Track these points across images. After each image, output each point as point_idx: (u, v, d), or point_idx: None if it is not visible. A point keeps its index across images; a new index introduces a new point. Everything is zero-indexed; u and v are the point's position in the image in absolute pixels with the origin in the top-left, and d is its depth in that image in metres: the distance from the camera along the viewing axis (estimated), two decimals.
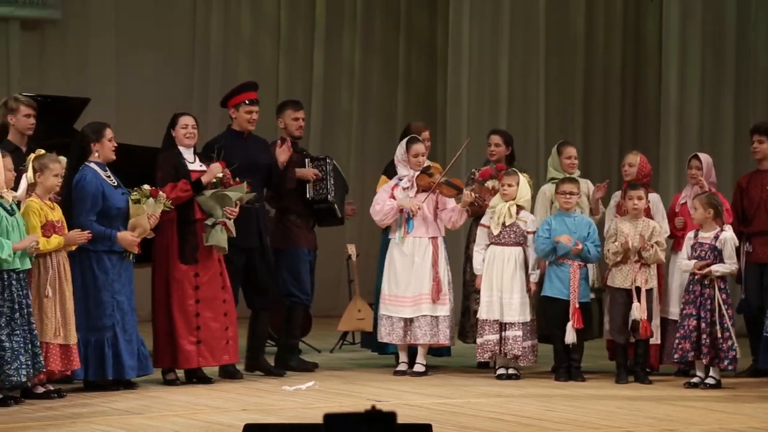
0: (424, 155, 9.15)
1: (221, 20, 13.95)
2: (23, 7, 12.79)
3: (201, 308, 8.54)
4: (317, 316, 11.14)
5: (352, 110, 14.65)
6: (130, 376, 8.19)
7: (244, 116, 9.04)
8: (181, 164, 8.54)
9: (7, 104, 8.36)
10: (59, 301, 7.84)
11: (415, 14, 14.94)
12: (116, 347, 8.14)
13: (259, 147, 9.15)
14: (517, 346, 8.87)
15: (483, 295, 9.00)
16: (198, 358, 8.54)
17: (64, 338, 7.84)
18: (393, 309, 9.06)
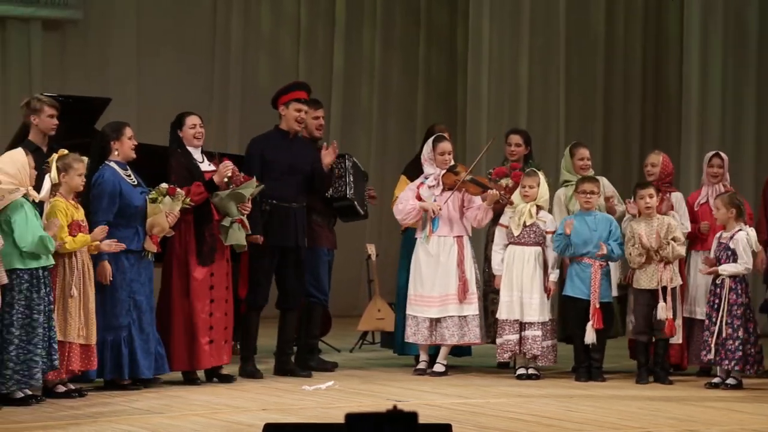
0: (450, 154, 9.14)
1: (241, 19, 13.98)
2: (45, 8, 12.84)
3: (214, 308, 8.57)
4: (337, 316, 11.14)
5: (371, 108, 14.66)
6: (145, 375, 8.20)
7: (293, 114, 8.99)
8: (193, 165, 8.55)
9: (30, 104, 8.38)
10: (83, 301, 7.87)
11: (435, 11, 14.94)
12: (132, 346, 8.16)
13: (304, 148, 9.11)
14: (537, 345, 8.86)
15: (503, 295, 8.98)
16: (210, 359, 8.56)
17: (85, 338, 7.87)
18: (419, 309, 9.05)
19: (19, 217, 7.46)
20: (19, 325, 7.49)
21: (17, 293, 7.47)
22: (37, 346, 7.50)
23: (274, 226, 8.78)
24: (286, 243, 8.89)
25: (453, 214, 9.07)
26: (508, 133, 9.90)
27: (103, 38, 13.16)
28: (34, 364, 7.48)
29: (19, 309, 7.49)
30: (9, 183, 7.52)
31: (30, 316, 7.52)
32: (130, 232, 8.18)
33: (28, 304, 7.51)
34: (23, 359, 7.47)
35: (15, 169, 7.56)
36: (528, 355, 8.91)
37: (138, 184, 8.28)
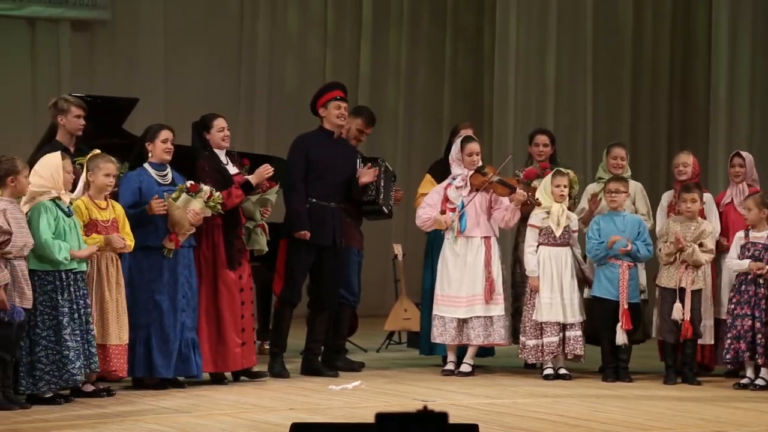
0: (478, 154, 9.13)
1: (268, 20, 14.01)
2: (73, 8, 12.90)
3: (244, 310, 8.59)
4: (363, 316, 11.14)
5: (398, 108, 14.66)
6: (159, 374, 8.20)
7: (333, 112, 9.03)
8: (222, 168, 8.57)
9: (57, 105, 8.42)
10: (117, 302, 7.91)
11: (461, 11, 14.93)
12: (148, 346, 8.18)
13: (347, 151, 9.20)
14: (579, 345, 8.85)
15: (543, 297, 8.91)
16: (242, 360, 8.58)
17: (100, 338, 7.90)
18: (446, 309, 9.04)
19: (34, 219, 7.50)
20: (45, 327, 7.53)
21: (40, 294, 7.51)
22: (65, 347, 7.52)
23: (312, 224, 8.81)
24: (323, 241, 8.90)
25: (480, 214, 9.06)
26: (534, 133, 9.87)
27: (130, 39, 13.21)
28: (63, 365, 7.51)
29: (44, 310, 7.52)
30: (41, 186, 7.56)
31: (56, 317, 7.55)
32: (150, 230, 8.20)
33: (54, 305, 7.54)
34: (53, 360, 7.51)
35: (49, 172, 7.60)
36: (570, 355, 8.89)
37: (171, 184, 8.29)
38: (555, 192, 8.97)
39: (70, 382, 7.56)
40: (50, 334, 7.54)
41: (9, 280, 7.25)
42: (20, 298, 7.32)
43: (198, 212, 8.18)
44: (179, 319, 8.26)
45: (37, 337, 7.50)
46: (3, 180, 7.40)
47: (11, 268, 7.28)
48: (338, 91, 9.17)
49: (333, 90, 9.19)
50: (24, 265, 7.37)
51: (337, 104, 9.05)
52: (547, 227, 8.96)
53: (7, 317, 7.26)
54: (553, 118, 13.48)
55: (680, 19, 14.29)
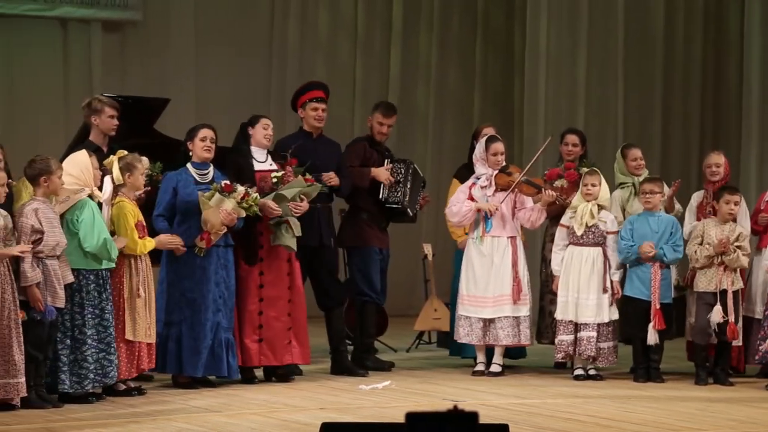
0: (503, 154, 9.11)
1: (298, 21, 14.02)
2: (105, 9, 12.95)
3: (264, 307, 8.58)
4: (393, 316, 11.15)
5: (428, 110, 14.64)
6: (188, 372, 8.23)
7: (310, 114, 9.08)
8: (247, 165, 8.58)
9: (90, 105, 8.46)
10: (148, 300, 7.95)
11: (491, 13, 14.90)
12: (179, 343, 8.21)
13: (328, 148, 9.16)
14: (591, 347, 8.81)
15: (560, 296, 8.95)
16: (260, 357, 8.58)
17: (150, 337, 7.95)
18: (472, 310, 9.03)
19: (86, 218, 7.54)
20: (90, 326, 7.58)
21: (85, 294, 7.56)
22: (110, 345, 7.60)
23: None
24: (310, 242, 8.87)
25: (506, 214, 9.05)
26: (564, 133, 9.85)
27: (161, 39, 13.26)
28: (107, 363, 7.58)
29: (90, 309, 7.58)
30: (73, 184, 7.60)
31: (101, 316, 7.61)
32: (183, 228, 8.24)
33: (98, 304, 7.60)
34: (97, 358, 7.57)
35: (78, 170, 7.64)
36: (583, 356, 8.87)
37: (210, 183, 8.32)
38: (583, 191, 8.95)
39: (112, 380, 7.63)
40: (94, 333, 7.59)
41: (41, 279, 7.29)
42: (52, 298, 7.36)
43: (230, 212, 8.20)
44: (214, 319, 8.27)
45: (83, 336, 7.55)
46: (36, 180, 7.45)
47: (43, 268, 7.33)
48: (317, 91, 9.18)
49: (311, 90, 9.20)
50: (56, 265, 7.41)
51: (314, 106, 9.07)
52: (572, 226, 8.95)
53: (39, 316, 7.31)
54: (584, 121, 13.44)
55: (712, 19, 14.21)
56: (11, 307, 7.14)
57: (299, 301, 8.73)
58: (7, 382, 7.15)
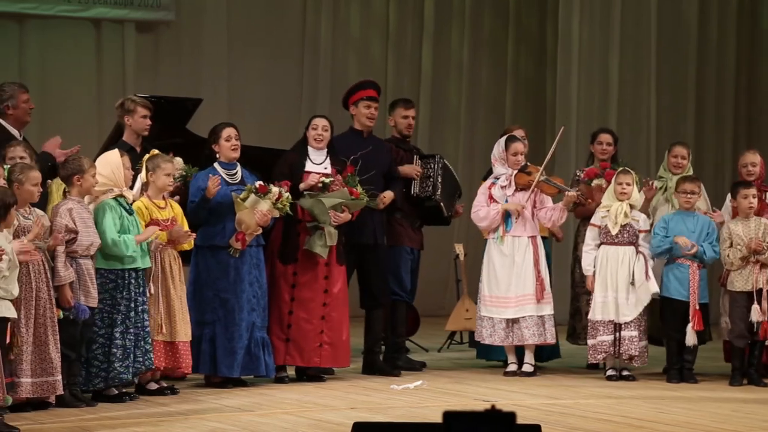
0: (522, 154, 9.08)
1: (330, 19, 14.04)
2: (138, 9, 13.01)
3: (295, 307, 8.58)
4: (425, 316, 11.14)
5: (460, 107, 14.63)
6: (222, 373, 8.24)
7: (363, 112, 9.04)
8: (298, 164, 8.57)
9: (123, 105, 8.48)
10: (181, 299, 7.97)
11: (524, 10, 14.87)
12: (213, 344, 8.22)
13: (378, 148, 9.14)
14: (634, 346, 8.77)
15: (597, 296, 8.88)
16: (285, 356, 8.57)
17: (169, 335, 7.95)
18: (494, 310, 9.01)
19: (99, 218, 7.57)
20: (102, 325, 7.60)
21: (101, 292, 7.58)
22: (116, 345, 7.58)
23: (351, 224, 8.78)
24: (364, 240, 8.89)
25: (526, 214, 9.02)
26: (597, 132, 9.81)
27: (194, 39, 13.31)
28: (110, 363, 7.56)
29: (103, 308, 7.60)
30: (103, 184, 7.63)
31: (111, 315, 7.62)
32: (217, 229, 8.25)
33: (112, 303, 7.62)
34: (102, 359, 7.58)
35: (109, 170, 7.67)
36: (624, 356, 8.82)
37: (240, 183, 8.33)
38: (617, 190, 8.90)
39: (116, 381, 7.61)
40: (105, 332, 7.61)
41: (74, 279, 7.32)
42: (86, 297, 7.39)
43: (265, 213, 8.21)
44: (249, 318, 8.29)
45: (93, 335, 7.58)
46: (70, 179, 7.48)
47: (77, 267, 7.36)
48: (370, 90, 9.16)
49: (364, 89, 9.17)
50: (90, 264, 7.44)
51: (366, 104, 9.04)
52: (606, 225, 8.90)
53: (72, 315, 7.34)
54: (616, 119, 13.39)
55: (746, 17, 14.13)
56: (47, 305, 7.18)
57: (336, 305, 8.66)
58: (44, 380, 7.18)
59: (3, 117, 8.35)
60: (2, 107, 8.32)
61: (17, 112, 8.42)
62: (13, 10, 12.52)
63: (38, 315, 7.15)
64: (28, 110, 8.51)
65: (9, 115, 8.33)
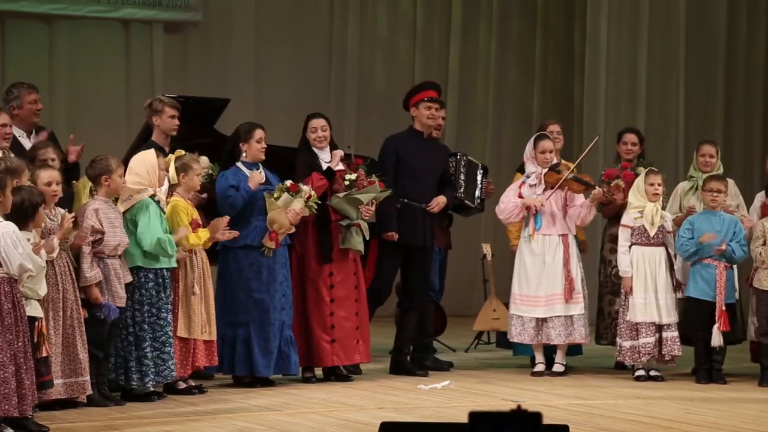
0: (551, 152, 9.06)
1: (357, 20, 14.05)
2: (166, 10, 13.06)
3: (335, 307, 8.60)
4: (452, 316, 11.13)
5: (487, 107, 14.61)
6: (260, 373, 8.26)
7: (423, 113, 8.99)
8: (316, 165, 8.59)
9: (152, 105, 8.51)
10: (204, 298, 7.99)
11: (551, 11, 14.83)
12: (249, 344, 8.23)
13: (437, 150, 9.15)
14: (676, 346, 8.74)
15: (637, 297, 8.79)
16: (332, 357, 8.60)
17: (209, 334, 7.99)
18: (524, 309, 9.00)
19: (143, 218, 7.59)
20: (148, 323, 7.64)
21: (144, 291, 7.62)
22: (165, 344, 7.64)
23: (403, 224, 8.81)
24: (414, 241, 8.88)
25: (556, 212, 9.00)
26: (623, 132, 9.76)
27: (222, 40, 13.34)
28: (161, 362, 7.63)
29: (147, 308, 7.64)
30: (137, 183, 7.66)
31: (157, 314, 7.66)
32: (249, 228, 8.27)
33: (155, 303, 7.65)
34: (153, 356, 7.62)
35: (144, 169, 7.70)
36: (667, 356, 8.78)
37: (265, 183, 8.36)
38: (649, 191, 8.86)
39: (168, 378, 7.68)
40: (150, 331, 7.65)
41: (101, 279, 7.35)
42: (113, 297, 7.42)
43: (298, 212, 8.24)
44: (280, 318, 8.31)
45: (143, 333, 7.61)
46: (97, 179, 7.51)
47: (104, 267, 7.39)
48: (431, 91, 9.14)
49: (426, 90, 9.16)
50: (117, 264, 7.47)
51: (427, 105, 9.02)
52: (640, 227, 8.86)
53: (102, 315, 7.37)
54: (644, 119, 13.34)
55: None
56: (73, 306, 7.21)
57: (364, 300, 8.79)
58: (74, 380, 7.22)
59: (11, 117, 8.19)
60: (8, 108, 8.22)
61: (22, 112, 8.31)
62: (42, 11, 12.58)
63: (66, 316, 7.18)
64: (34, 111, 8.39)
65: (15, 115, 8.21)
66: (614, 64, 13.52)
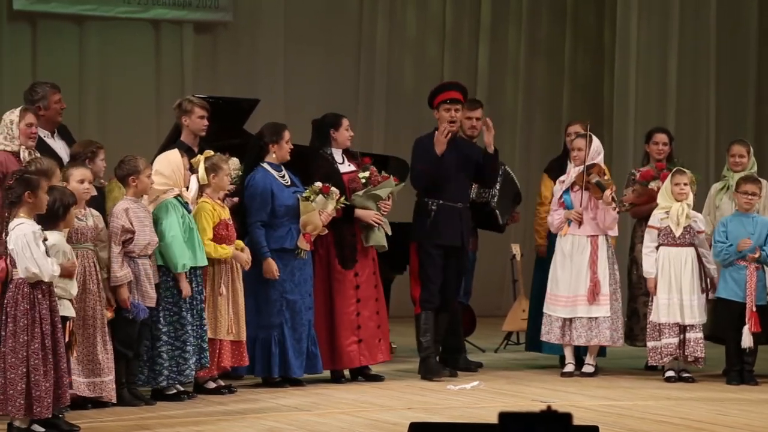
0: (581, 150, 9.01)
1: (387, 21, 14.06)
2: (196, 11, 13.10)
3: (361, 308, 8.61)
4: (481, 316, 11.11)
5: (516, 108, 14.59)
6: (296, 374, 8.28)
7: (443, 115, 8.81)
8: (334, 169, 8.59)
9: (181, 106, 8.52)
10: (232, 298, 8.00)
11: (581, 10, 14.80)
12: (283, 345, 8.24)
13: (469, 152, 8.96)
14: (700, 348, 8.69)
15: (661, 298, 8.78)
16: (360, 358, 8.61)
17: (236, 335, 8.00)
18: (551, 308, 9.02)
19: (161, 218, 7.61)
20: (167, 322, 7.65)
21: (164, 290, 7.64)
22: (186, 343, 7.64)
23: (440, 225, 8.76)
24: (452, 242, 8.82)
25: (587, 213, 8.97)
26: (653, 132, 9.69)
27: (251, 40, 13.38)
28: (183, 361, 7.63)
29: (167, 306, 7.65)
30: (163, 184, 7.68)
31: (178, 313, 7.67)
32: (283, 231, 8.28)
33: (176, 302, 7.66)
34: (171, 355, 7.63)
35: (170, 170, 7.72)
36: (690, 357, 8.74)
37: (292, 184, 8.37)
38: (674, 190, 8.82)
39: (189, 378, 7.68)
40: (170, 329, 7.66)
41: (132, 278, 7.37)
42: (143, 297, 7.44)
43: (330, 213, 8.25)
44: (308, 317, 8.34)
45: (158, 332, 7.63)
46: (126, 179, 7.53)
47: (135, 267, 7.41)
48: (452, 92, 8.92)
49: (446, 91, 8.95)
50: (148, 264, 7.49)
51: (446, 107, 8.80)
52: (666, 227, 8.82)
53: (131, 315, 7.39)
54: (675, 118, 13.28)
55: None
56: (96, 305, 7.22)
57: (383, 299, 8.81)
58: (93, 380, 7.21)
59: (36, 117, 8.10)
60: (35, 108, 8.13)
61: (48, 112, 8.24)
62: (73, 11, 12.65)
63: (87, 315, 7.19)
64: (59, 110, 8.33)
65: (41, 115, 8.12)
66: (644, 63, 13.47)
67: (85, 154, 7.53)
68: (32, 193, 6.48)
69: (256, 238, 8.19)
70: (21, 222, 6.44)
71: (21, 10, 12.47)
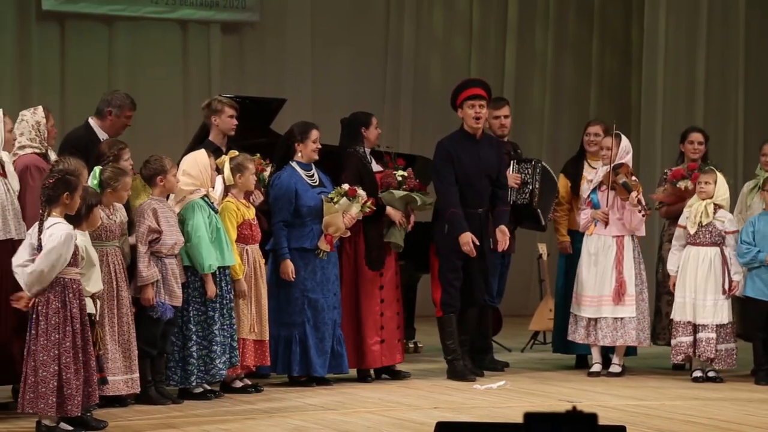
0: (608, 149, 8.99)
1: (413, 20, 14.06)
2: (224, 11, 13.14)
3: (384, 308, 8.62)
4: (508, 316, 11.10)
5: (543, 107, 14.57)
6: (317, 373, 8.28)
7: (468, 113, 8.64)
8: (366, 169, 8.59)
9: (210, 105, 8.54)
10: (254, 297, 8.02)
11: (608, 9, 14.76)
12: (305, 344, 8.25)
13: (491, 150, 8.78)
14: (710, 348, 8.65)
15: (677, 297, 8.81)
16: (381, 358, 8.62)
17: (258, 334, 8.02)
18: (577, 308, 9.02)
19: (188, 219, 7.63)
20: (195, 322, 7.67)
21: (192, 290, 7.66)
22: (212, 342, 7.67)
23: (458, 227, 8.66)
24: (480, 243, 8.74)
25: (613, 213, 8.94)
26: (688, 131, 9.63)
27: (278, 40, 13.40)
28: (210, 360, 7.66)
29: (195, 306, 7.67)
30: (190, 184, 7.71)
31: (206, 313, 7.69)
32: (305, 231, 8.29)
33: (204, 301, 7.69)
34: (200, 355, 7.66)
35: (197, 170, 7.74)
36: (702, 357, 8.72)
37: (320, 184, 8.38)
38: (697, 189, 8.80)
39: (217, 377, 7.71)
40: (199, 329, 7.69)
41: (158, 278, 7.40)
42: (169, 296, 7.46)
43: (354, 216, 8.25)
44: (332, 316, 8.34)
45: (189, 332, 7.65)
46: (152, 179, 7.56)
47: (161, 266, 7.44)
48: (475, 89, 8.73)
49: (468, 88, 8.76)
50: (174, 263, 7.52)
51: (470, 104, 8.64)
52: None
53: (156, 314, 7.42)
54: (703, 119, 13.21)
55: None
56: (127, 303, 7.26)
57: (401, 299, 8.82)
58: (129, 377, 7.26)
59: (100, 118, 8.18)
60: (105, 110, 8.14)
61: (116, 121, 8.14)
62: (101, 11, 12.71)
63: (121, 313, 7.23)
64: (124, 125, 8.23)
65: (107, 119, 8.11)
66: (672, 62, 13.41)
67: (111, 154, 7.54)
68: (70, 194, 6.54)
69: (277, 238, 8.22)
70: (57, 221, 6.49)
71: (50, 10, 12.54)
